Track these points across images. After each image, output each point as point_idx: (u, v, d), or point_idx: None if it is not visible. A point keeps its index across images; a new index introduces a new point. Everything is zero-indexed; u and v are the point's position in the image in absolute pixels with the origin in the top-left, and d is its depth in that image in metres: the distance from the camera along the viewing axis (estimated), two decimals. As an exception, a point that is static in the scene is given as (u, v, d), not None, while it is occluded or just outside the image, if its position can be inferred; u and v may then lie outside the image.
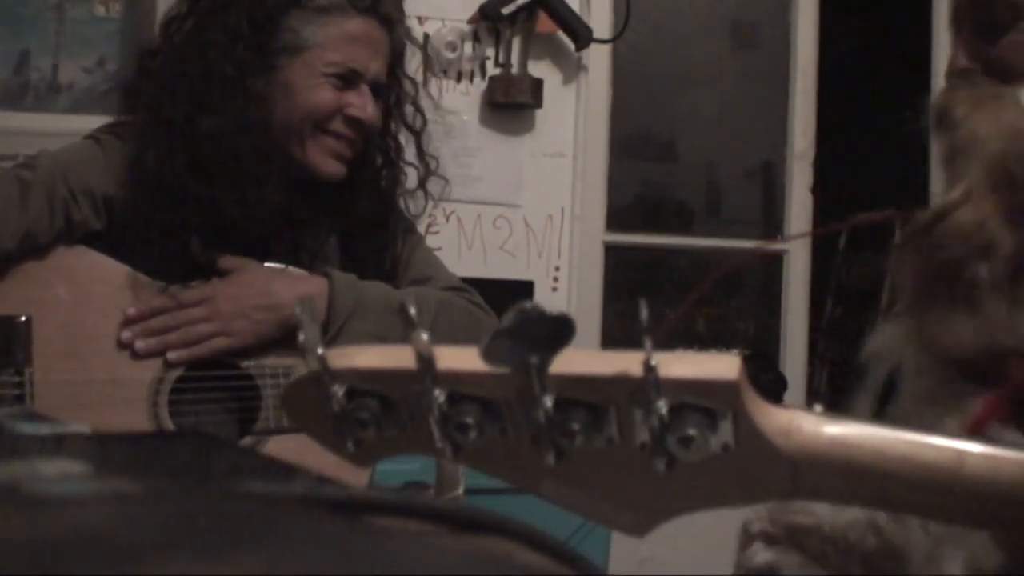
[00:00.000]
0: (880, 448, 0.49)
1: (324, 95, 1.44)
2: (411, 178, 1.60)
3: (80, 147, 1.45)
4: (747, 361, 1.66)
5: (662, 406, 0.47)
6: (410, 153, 1.59)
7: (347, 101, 1.45)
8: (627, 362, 0.47)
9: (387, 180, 1.56)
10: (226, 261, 1.44)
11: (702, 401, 0.48)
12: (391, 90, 1.53)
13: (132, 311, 1.41)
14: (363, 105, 1.46)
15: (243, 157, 1.40)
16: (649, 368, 0.47)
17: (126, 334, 1.41)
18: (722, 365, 0.48)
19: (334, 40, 1.43)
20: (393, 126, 1.55)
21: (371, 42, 1.46)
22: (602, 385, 0.48)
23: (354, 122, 1.46)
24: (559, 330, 0.45)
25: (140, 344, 1.40)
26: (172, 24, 1.47)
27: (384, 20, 1.47)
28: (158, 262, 1.43)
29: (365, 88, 1.46)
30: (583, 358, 0.48)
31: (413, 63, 1.60)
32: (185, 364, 1.43)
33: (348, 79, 1.45)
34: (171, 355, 1.41)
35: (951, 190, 0.92)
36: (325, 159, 1.47)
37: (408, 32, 1.56)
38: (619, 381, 0.47)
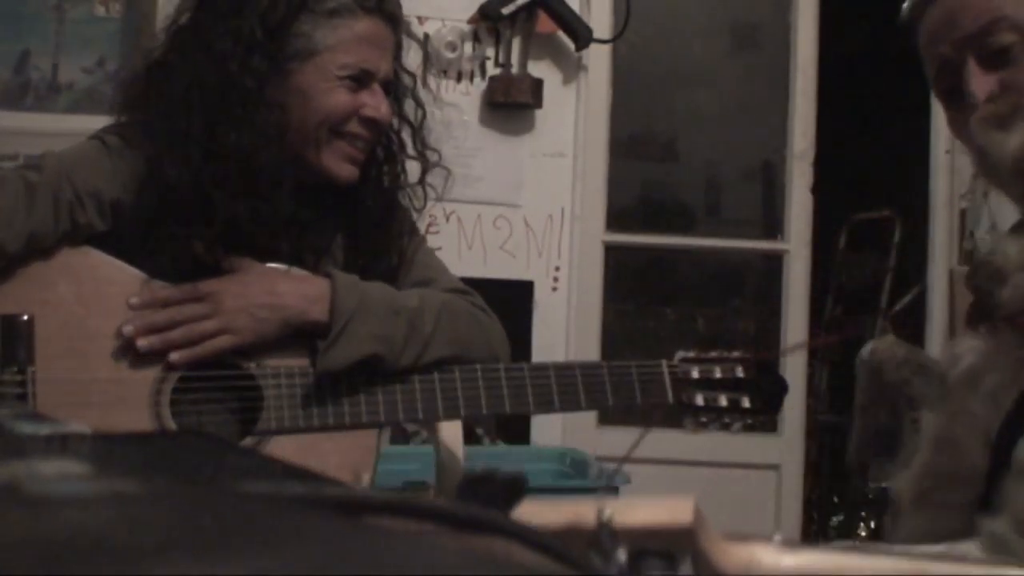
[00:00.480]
0: (840, 573, 0.51)
1: (340, 98, 1.44)
2: (413, 173, 1.60)
3: (85, 148, 1.45)
4: (748, 363, 1.66)
5: (621, 554, 0.47)
6: (410, 147, 1.59)
7: (362, 102, 1.45)
8: (582, 512, 0.47)
9: (389, 175, 1.56)
10: (230, 261, 1.44)
11: (660, 546, 0.48)
12: (396, 85, 1.54)
13: (135, 300, 1.41)
14: (378, 105, 1.46)
15: (263, 169, 1.40)
16: (603, 521, 0.47)
17: (128, 328, 1.40)
18: (677, 509, 0.48)
19: (345, 42, 1.43)
20: (395, 121, 1.55)
21: (380, 41, 1.47)
22: (560, 537, 0.48)
23: (370, 123, 1.47)
24: (512, 487, 0.45)
25: (142, 342, 1.40)
26: (179, 33, 1.46)
27: (390, 18, 1.48)
28: (163, 263, 1.43)
29: (377, 88, 1.47)
30: (539, 510, 0.48)
31: (412, 60, 1.60)
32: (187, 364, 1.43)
33: (361, 80, 1.45)
34: (174, 356, 1.41)
35: None
36: (340, 164, 1.47)
37: (407, 27, 1.56)
38: (576, 532, 0.47)
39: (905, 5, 1.34)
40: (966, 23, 1.22)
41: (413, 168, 1.59)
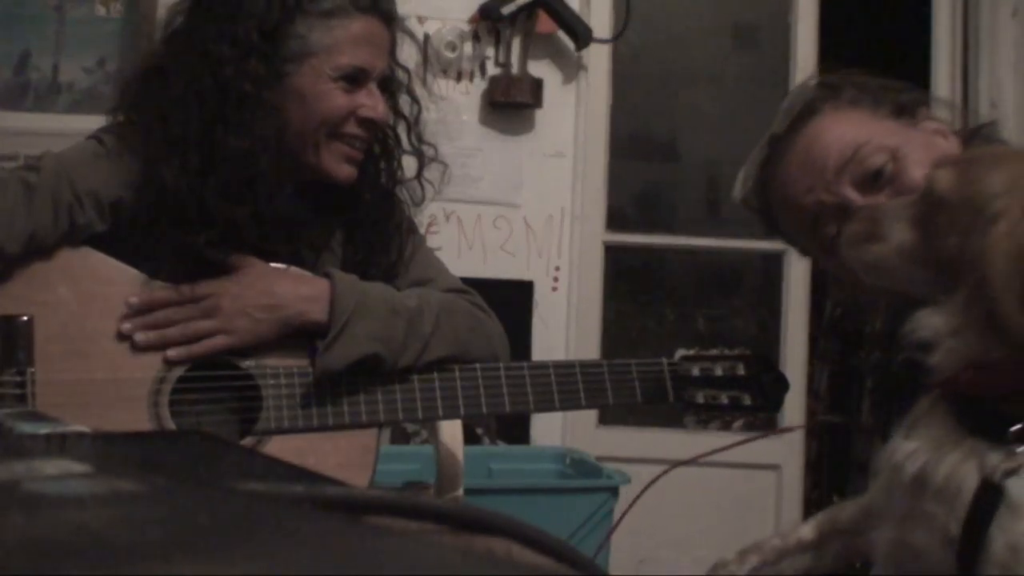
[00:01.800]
0: None
1: (337, 100, 1.43)
2: (410, 169, 1.60)
3: (84, 148, 1.45)
4: (749, 361, 1.66)
5: None
6: (405, 142, 1.59)
7: (359, 102, 1.45)
8: None
9: (387, 171, 1.56)
10: (233, 259, 1.44)
11: None
12: (391, 82, 1.54)
13: (134, 300, 1.41)
14: (375, 105, 1.46)
15: (263, 173, 1.40)
16: None
17: (126, 325, 1.40)
18: None
19: (340, 43, 1.43)
20: (391, 117, 1.55)
21: (376, 39, 1.46)
22: None
23: (367, 123, 1.46)
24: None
25: (140, 337, 1.40)
26: (174, 37, 1.46)
27: (385, 16, 1.48)
28: (162, 263, 1.43)
29: (374, 87, 1.46)
30: None
31: (408, 55, 1.59)
32: (186, 363, 1.43)
33: (357, 79, 1.45)
34: (170, 353, 1.41)
35: (987, 206, 0.98)
36: (339, 165, 1.47)
37: (402, 24, 1.56)
38: None
39: (739, 183, 1.37)
40: (831, 159, 1.26)
41: (410, 163, 1.59)
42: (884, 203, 1.15)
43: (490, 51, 2.99)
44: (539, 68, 3.00)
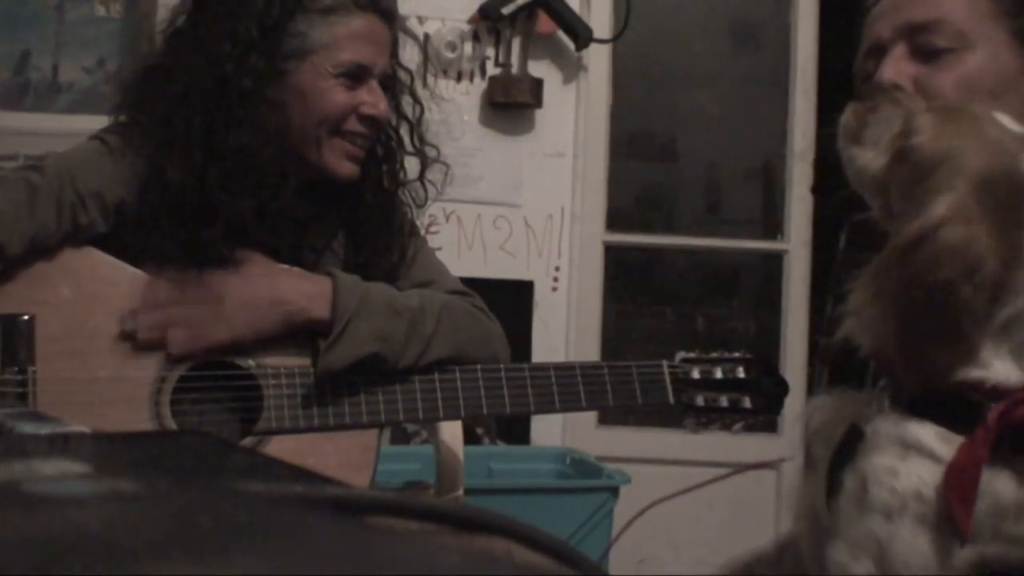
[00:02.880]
0: None
1: (337, 97, 1.44)
2: (412, 170, 1.60)
3: (87, 149, 1.45)
4: (749, 364, 1.65)
5: None
6: (408, 143, 1.59)
7: (360, 99, 1.46)
8: None
9: (389, 172, 1.57)
10: (236, 255, 1.44)
11: None
12: (393, 82, 1.54)
13: (138, 290, 1.41)
14: (376, 102, 1.46)
15: (265, 168, 1.40)
16: None
17: (129, 324, 1.41)
18: None
19: (341, 40, 1.43)
20: (393, 118, 1.55)
21: (376, 37, 1.47)
22: None
23: (368, 120, 1.47)
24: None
25: (143, 320, 1.40)
26: (176, 36, 1.46)
27: (385, 14, 1.48)
28: (165, 263, 1.43)
29: (375, 84, 1.47)
30: None
31: (409, 57, 1.60)
32: (187, 363, 1.43)
33: (358, 77, 1.45)
34: (173, 348, 1.40)
35: (930, 205, 0.91)
36: (341, 162, 1.47)
37: (403, 23, 1.57)
38: None
39: None
40: (911, 12, 1.22)
41: (412, 165, 1.60)
42: (880, 107, 1.06)
43: (490, 51, 2.99)
44: (539, 68, 3.00)
